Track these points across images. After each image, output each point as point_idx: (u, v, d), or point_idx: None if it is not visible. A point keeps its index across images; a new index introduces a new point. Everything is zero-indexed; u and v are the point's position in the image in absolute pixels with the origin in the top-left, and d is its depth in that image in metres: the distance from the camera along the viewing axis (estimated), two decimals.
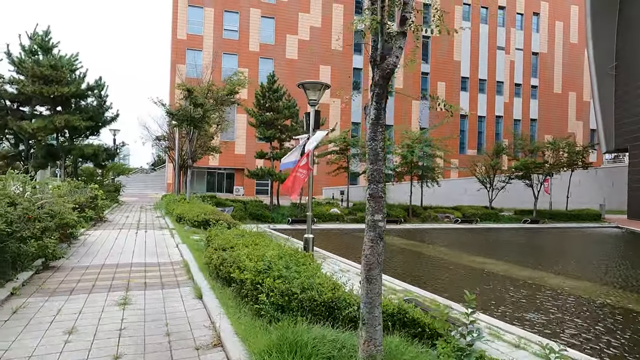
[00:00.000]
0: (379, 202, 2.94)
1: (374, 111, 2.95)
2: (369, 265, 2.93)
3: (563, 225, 30.15)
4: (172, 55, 39.05)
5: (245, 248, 5.79)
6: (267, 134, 25.79)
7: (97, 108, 18.15)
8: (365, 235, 3.05)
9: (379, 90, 2.98)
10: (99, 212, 12.44)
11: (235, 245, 6.16)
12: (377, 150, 2.95)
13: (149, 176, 46.70)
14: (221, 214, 12.38)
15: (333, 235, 22.09)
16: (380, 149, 2.95)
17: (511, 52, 49.34)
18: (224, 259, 5.53)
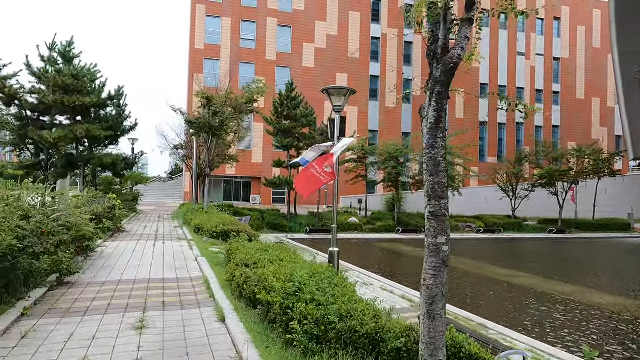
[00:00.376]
0: (442, 222, 2.48)
1: (433, 113, 2.52)
2: (432, 297, 2.46)
3: (591, 236, 28.98)
4: (189, 65, 39.31)
5: (271, 265, 5.36)
6: (284, 142, 25.50)
7: (117, 117, 18.12)
8: (425, 261, 2.59)
9: (440, 89, 2.55)
10: (116, 223, 12.22)
11: (258, 261, 5.74)
12: (438, 159, 2.51)
13: (167, 185, 46.93)
14: (240, 225, 12.01)
15: (352, 246, 21.54)
16: (441, 157, 2.51)
17: (531, 58, 48.34)
18: (248, 277, 5.10)
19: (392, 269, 14.74)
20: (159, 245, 10.25)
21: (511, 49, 47.63)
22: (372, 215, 28.18)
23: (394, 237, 24.59)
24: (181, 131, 26.93)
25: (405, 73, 44.52)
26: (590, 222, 32.11)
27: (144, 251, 9.13)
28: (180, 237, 11.78)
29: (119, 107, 18.54)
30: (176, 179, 51.16)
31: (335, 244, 7.89)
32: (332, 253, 7.79)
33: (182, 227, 14.63)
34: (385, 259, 17.17)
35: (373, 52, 43.68)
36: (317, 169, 7.41)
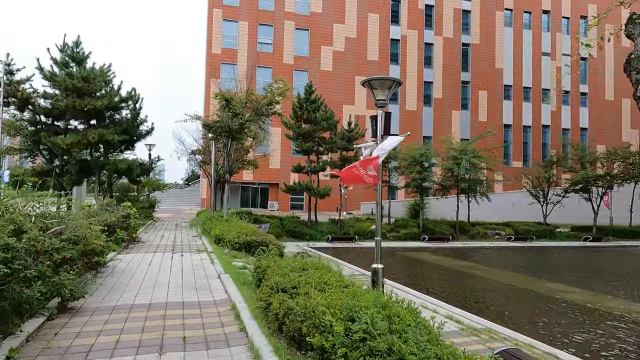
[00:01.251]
0: None
1: None
2: None
3: (630, 244, 27.20)
4: (206, 70, 38.81)
5: (315, 291, 4.32)
6: (304, 147, 24.53)
7: (132, 121, 17.40)
8: None
9: None
10: (131, 233, 11.36)
11: (299, 285, 4.70)
12: None
13: (184, 191, 46.45)
14: (264, 235, 11.01)
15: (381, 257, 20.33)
16: None
17: (557, 58, 46.60)
18: (290, 308, 4.05)
19: (425, 282, 13.54)
20: (177, 258, 9.31)
21: (535, 50, 45.99)
22: (396, 223, 26.96)
23: (420, 245, 23.34)
24: (199, 136, 26.21)
25: (425, 75, 43.28)
26: (627, 229, 30.29)
27: (161, 265, 8.19)
28: (199, 249, 10.82)
29: (134, 110, 17.83)
30: (193, 186, 50.71)
31: (380, 259, 6.80)
32: (376, 271, 6.70)
33: (200, 236, 13.70)
34: (415, 270, 15.96)
35: (392, 54, 42.60)
36: (359, 169, 6.41)
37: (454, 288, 12.49)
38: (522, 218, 31.88)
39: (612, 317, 9.43)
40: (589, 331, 8.31)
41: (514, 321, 8.97)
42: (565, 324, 8.73)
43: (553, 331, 8.26)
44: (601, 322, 8.98)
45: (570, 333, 8.15)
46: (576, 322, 8.98)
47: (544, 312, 9.68)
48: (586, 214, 33.24)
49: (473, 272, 15.49)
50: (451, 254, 21.18)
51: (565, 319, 9.16)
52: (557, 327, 8.56)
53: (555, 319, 9.10)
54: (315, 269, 5.65)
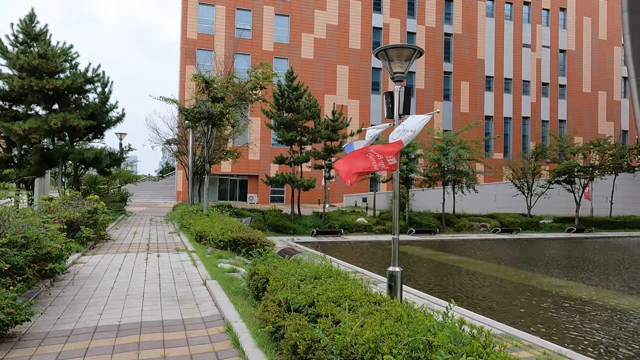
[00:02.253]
0: None
1: None
2: None
3: (612, 235, 27.29)
4: (181, 56, 36.89)
5: (345, 313, 3.24)
6: (287, 137, 23.31)
7: (100, 106, 15.75)
8: None
9: None
10: (99, 230, 9.98)
11: (317, 302, 3.62)
12: None
13: (158, 184, 44.43)
14: (252, 232, 9.84)
15: (366, 249, 19.47)
16: None
17: (537, 50, 46.66)
18: (315, 340, 2.96)
19: (423, 279, 12.68)
20: (153, 259, 8.04)
21: (516, 42, 45.89)
22: (381, 215, 26.16)
23: (407, 238, 22.60)
24: (174, 124, 24.58)
25: None
26: (607, 220, 30.51)
27: (134, 270, 6.92)
28: (178, 248, 9.54)
29: (103, 95, 16.18)
30: (167, 178, 48.66)
31: (397, 262, 5.77)
32: (392, 275, 5.67)
33: (178, 233, 12.38)
34: (408, 266, 15.11)
35: (375, 43, 41.59)
36: (376, 155, 5.34)
37: (454, 286, 11.66)
38: (504, 209, 31.70)
39: (615, 311, 8.74)
40: (618, 336, 7.55)
41: (530, 324, 8.16)
42: (595, 328, 7.93)
43: (578, 336, 7.45)
44: (605, 316, 8.27)
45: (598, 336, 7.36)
46: (586, 320, 8.22)
47: (561, 314, 8.91)
48: (567, 205, 33.39)
49: (469, 267, 14.75)
50: (441, 247, 20.51)
51: (587, 319, 8.39)
52: (582, 330, 7.76)
53: (575, 320, 8.32)
54: (328, 276, 4.56)
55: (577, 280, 12.88)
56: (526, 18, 46.38)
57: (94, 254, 8.48)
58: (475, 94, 43.90)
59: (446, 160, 24.75)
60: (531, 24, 46.42)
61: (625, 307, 9.57)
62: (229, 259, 8.39)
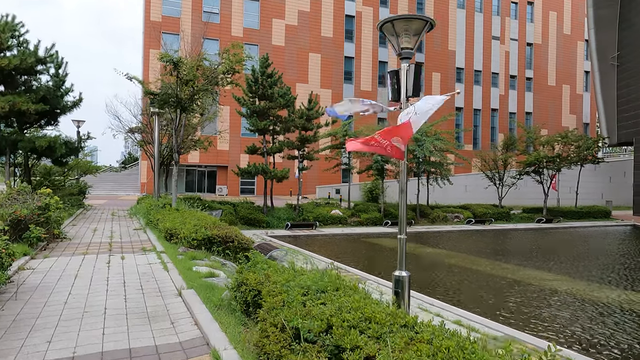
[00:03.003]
0: None
1: None
2: None
3: (579, 225, 27.99)
4: (145, 39, 34.81)
5: (366, 340, 2.52)
6: (260, 126, 22.29)
7: (53, 89, 14.21)
8: None
9: None
10: (52, 228, 8.79)
11: (332, 326, 2.87)
12: None
13: (120, 175, 42.17)
14: (228, 228, 8.92)
15: (342, 243, 18.87)
16: None
17: (506, 42, 47.28)
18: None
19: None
20: (117, 262, 7.00)
21: (486, 34, 46.29)
22: (356, 207, 25.65)
23: (383, 230, 22.22)
24: (138, 111, 22.96)
25: (380, 55, 42.02)
26: (573, 210, 31.37)
27: (93, 277, 5.89)
28: (145, 247, 8.49)
29: (57, 77, 14.61)
30: (130, 169, 46.35)
31: (404, 265, 5.07)
32: (400, 280, 4.97)
33: (145, 229, 11.25)
34: (389, 261, 14.60)
35: (347, 31, 40.79)
36: (381, 141, 4.63)
37: (439, 281, 11.19)
38: (475, 200, 31.98)
39: (627, 311, 8.47)
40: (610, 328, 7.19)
41: (526, 323, 7.72)
42: (569, 319, 7.55)
43: (583, 335, 7.05)
44: (594, 312, 7.95)
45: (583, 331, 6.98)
46: (582, 318, 7.86)
47: (552, 309, 8.54)
48: (535, 196, 34.11)
49: (449, 260, 14.40)
50: (418, 240, 20.21)
51: (568, 313, 8.02)
52: (583, 326, 7.36)
53: (567, 316, 7.93)
54: (335, 288, 3.79)
55: (547, 270, 12.73)
56: (496, 10, 46.81)
57: (46, 256, 7.34)
58: (447, 85, 44.00)
59: (421, 150, 24.44)
60: (500, 17, 46.91)
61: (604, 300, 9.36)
62: (204, 260, 7.47)
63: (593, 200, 37.23)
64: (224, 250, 8.50)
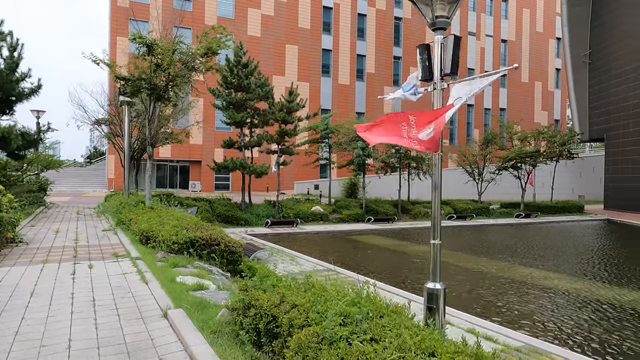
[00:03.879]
0: None
1: None
2: None
3: (557, 219, 28.26)
4: (111, 26, 32.79)
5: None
6: (237, 118, 21.14)
7: (7, 73, 12.66)
8: None
9: None
10: (5, 231, 7.54)
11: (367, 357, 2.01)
12: None
13: (85, 170, 39.82)
14: (211, 229, 7.91)
15: (325, 241, 18.07)
16: None
17: (481, 39, 47.55)
18: None
19: (398, 275, 11.47)
20: (83, 272, 5.90)
21: (462, 29, 46.37)
22: (337, 203, 24.90)
23: (366, 227, 21.59)
24: (105, 100, 21.32)
25: (358, 48, 41.33)
26: (549, 204, 31.71)
27: (54, 293, 4.80)
28: (117, 253, 7.37)
29: (11, 59, 13.04)
30: (96, 164, 43.96)
31: (438, 275, 4.27)
32: (434, 294, 4.16)
33: (115, 230, 10.05)
34: (377, 259, 13.90)
35: (325, 23, 39.86)
36: (405, 128, 3.81)
37: (449, 283, 10.47)
38: (454, 196, 31.84)
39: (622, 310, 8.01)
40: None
41: (546, 328, 7.11)
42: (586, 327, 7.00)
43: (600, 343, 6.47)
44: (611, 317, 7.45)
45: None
46: (604, 325, 7.32)
47: (563, 311, 7.97)
48: (512, 191, 34.34)
49: (443, 259, 13.80)
50: (404, 236, 19.66)
51: (585, 320, 7.48)
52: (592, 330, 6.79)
53: (577, 318, 7.37)
54: (379, 315, 2.93)
55: (543, 268, 12.35)
56: (472, 6, 46.95)
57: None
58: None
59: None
60: (476, 13, 47.10)
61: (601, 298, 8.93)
62: (188, 268, 6.47)
63: (564, 195, 37.96)
64: (208, 255, 7.50)
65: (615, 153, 34.78)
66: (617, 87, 34.19)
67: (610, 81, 34.98)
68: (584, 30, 38.15)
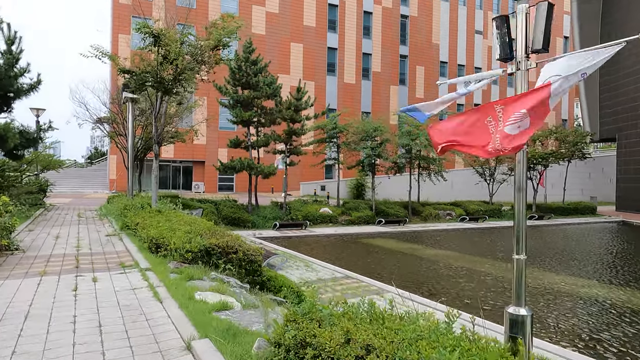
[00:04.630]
0: None
1: None
2: None
3: (571, 221, 27.47)
4: (113, 23, 32.05)
5: None
6: (245, 117, 20.43)
7: (5, 68, 11.94)
8: None
9: None
10: (0, 238, 6.79)
11: None
12: None
13: (86, 171, 39.07)
14: (229, 236, 7.14)
15: (340, 246, 17.26)
16: None
17: (489, 37, 46.76)
18: None
19: (419, 280, 10.70)
20: (86, 288, 5.14)
21: (469, 28, 45.63)
22: (346, 205, 24.14)
23: (378, 230, 20.83)
24: (107, 98, 20.56)
25: (364, 47, 40.56)
26: (561, 206, 30.94)
27: (52, 317, 4.03)
28: (124, 262, 6.60)
29: (10, 54, 12.31)
30: (98, 164, 43.21)
31: (523, 298, 3.48)
32: (518, 320, 3.38)
33: (120, 235, 9.28)
34: (394, 264, 13.13)
35: (330, 21, 39.10)
36: (493, 123, 3.08)
37: (473, 293, 9.72)
38: (462, 197, 31.10)
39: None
40: None
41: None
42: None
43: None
44: None
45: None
46: None
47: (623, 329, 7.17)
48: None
49: (463, 264, 13.04)
50: (417, 240, 18.89)
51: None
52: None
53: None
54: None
55: (578, 276, 11.58)
56: (479, 4, 46.19)
57: None
58: (430, 79, 43.06)
59: (415, 144, 23.17)
60: (483, 11, 46.35)
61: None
62: (205, 280, 5.70)
63: (574, 196, 37.17)
64: (225, 263, 6.73)
65: (627, 153, 34.02)
66: (628, 86, 33.43)
67: (621, 80, 34.21)
68: (594, 28, 37.39)
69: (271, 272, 7.35)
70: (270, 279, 7.07)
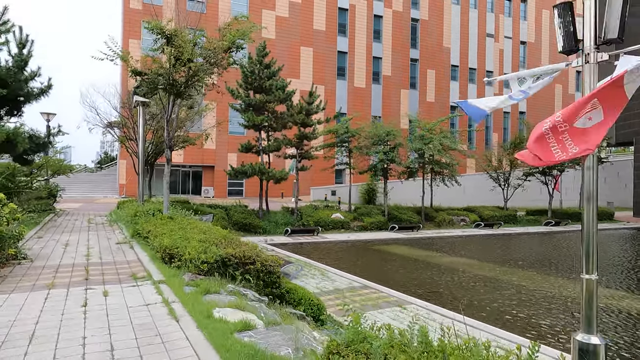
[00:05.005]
0: None
1: None
2: None
3: None
4: (124, 28, 32.07)
5: None
6: (257, 121, 20.10)
7: (14, 72, 11.73)
8: None
9: None
10: (6, 247, 6.48)
11: None
12: None
13: (96, 176, 39.08)
14: (246, 246, 6.76)
15: (354, 252, 16.78)
16: None
17: (500, 40, 46.21)
18: None
19: (439, 288, 10.18)
20: (96, 303, 4.78)
21: (481, 31, 45.11)
22: (358, 210, 23.69)
23: (391, 236, 20.32)
24: (117, 102, 20.39)
25: (374, 50, 40.23)
26: (577, 211, 30.12)
27: (60, 339, 3.65)
28: (136, 274, 6.25)
29: (20, 56, 12.12)
30: (107, 169, 43.24)
31: (595, 324, 3.04)
32: (587, 350, 2.94)
33: (131, 243, 8.95)
34: (412, 272, 12.63)
35: (340, 25, 38.84)
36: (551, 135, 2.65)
37: (511, 309, 9.19)
38: (474, 202, 30.52)
39: None
40: None
41: None
42: None
43: None
44: None
45: None
46: None
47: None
48: (537, 197, 32.89)
49: (484, 273, 12.51)
50: (432, 247, 18.35)
51: None
52: None
53: None
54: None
55: (615, 287, 11.00)
56: (490, 7, 45.69)
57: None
58: (441, 82, 42.57)
59: (429, 149, 22.68)
60: (494, 14, 45.82)
61: None
62: (222, 294, 5.32)
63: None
64: (242, 275, 6.34)
65: None
66: None
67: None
68: None
69: (290, 284, 6.95)
70: (290, 291, 6.66)
